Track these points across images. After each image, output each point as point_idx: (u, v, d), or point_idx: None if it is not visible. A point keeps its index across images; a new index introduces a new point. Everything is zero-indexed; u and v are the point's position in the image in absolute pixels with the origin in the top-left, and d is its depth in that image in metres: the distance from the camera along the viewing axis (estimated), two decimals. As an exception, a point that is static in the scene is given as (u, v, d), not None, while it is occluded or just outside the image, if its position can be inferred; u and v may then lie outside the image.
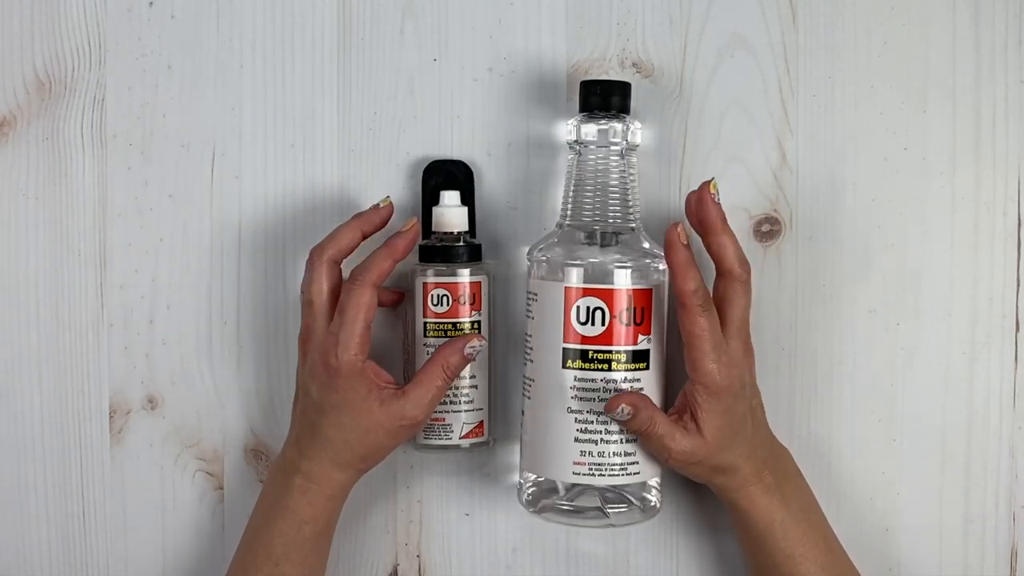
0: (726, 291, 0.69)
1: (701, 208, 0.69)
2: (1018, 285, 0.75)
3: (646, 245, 0.70)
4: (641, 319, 0.68)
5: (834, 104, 0.76)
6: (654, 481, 0.71)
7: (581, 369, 0.68)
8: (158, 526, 0.81)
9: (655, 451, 0.69)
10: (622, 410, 0.67)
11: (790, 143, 0.76)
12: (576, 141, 0.71)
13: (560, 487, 0.70)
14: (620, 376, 0.68)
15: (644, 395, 0.68)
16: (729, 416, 0.68)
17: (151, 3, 0.79)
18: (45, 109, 0.80)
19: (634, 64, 0.76)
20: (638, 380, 0.69)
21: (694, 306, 0.67)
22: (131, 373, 0.80)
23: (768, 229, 0.76)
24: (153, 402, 0.80)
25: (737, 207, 0.76)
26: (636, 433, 0.68)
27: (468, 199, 0.75)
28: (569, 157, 0.72)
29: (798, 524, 0.70)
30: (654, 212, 0.76)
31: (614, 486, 0.70)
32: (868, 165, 0.76)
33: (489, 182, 0.77)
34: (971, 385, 0.76)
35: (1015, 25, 0.75)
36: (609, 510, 0.70)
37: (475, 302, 0.73)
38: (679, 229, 0.67)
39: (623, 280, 0.68)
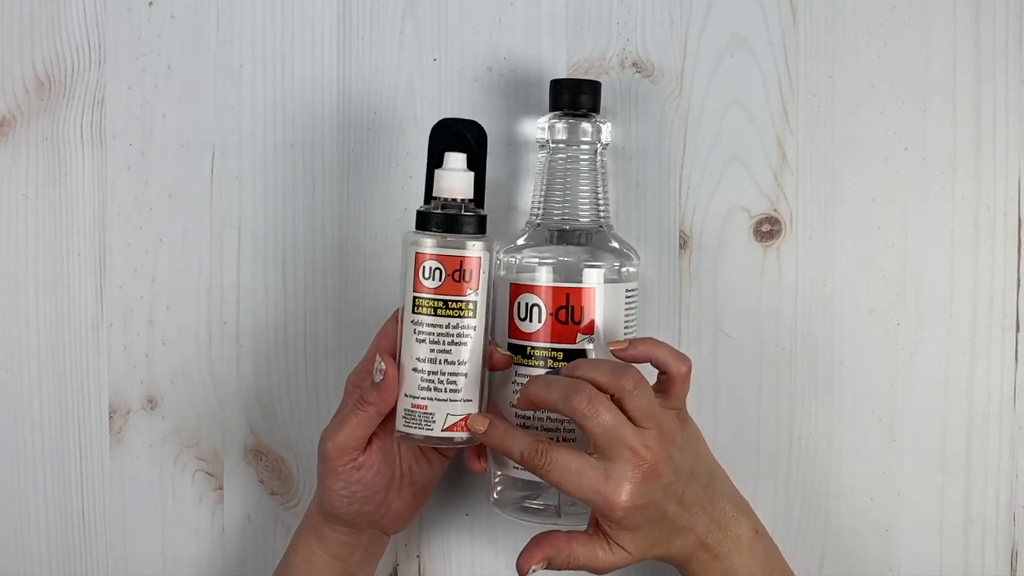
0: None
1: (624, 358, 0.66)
2: (1018, 285, 0.75)
3: (614, 244, 0.70)
4: (581, 318, 0.68)
5: (834, 104, 0.76)
6: None
7: (521, 364, 0.68)
8: (158, 526, 0.81)
9: (584, 569, 0.65)
10: (534, 571, 0.64)
11: (790, 143, 0.76)
12: (546, 140, 0.71)
13: (521, 485, 0.70)
14: None
15: (549, 534, 0.65)
16: (646, 527, 0.64)
17: (151, 3, 0.79)
18: (45, 109, 0.80)
19: (634, 64, 0.76)
20: None
21: (534, 467, 0.63)
22: (131, 373, 0.80)
23: (768, 229, 0.76)
24: (153, 402, 0.80)
25: (737, 207, 0.76)
26: (560, 569, 0.65)
27: (478, 165, 0.69)
28: (539, 156, 0.72)
29: None
30: (654, 212, 0.76)
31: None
32: (868, 165, 0.75)
33: (489, 182, 0.77)
34: (971, 385, 0.75)
35: (1015, 25, 0.75)
36: (564, 509, 0.69)
37: (472, 280, 0.66)
38: (469, 424, 0.66)
39: (562, 278, 0.68)
